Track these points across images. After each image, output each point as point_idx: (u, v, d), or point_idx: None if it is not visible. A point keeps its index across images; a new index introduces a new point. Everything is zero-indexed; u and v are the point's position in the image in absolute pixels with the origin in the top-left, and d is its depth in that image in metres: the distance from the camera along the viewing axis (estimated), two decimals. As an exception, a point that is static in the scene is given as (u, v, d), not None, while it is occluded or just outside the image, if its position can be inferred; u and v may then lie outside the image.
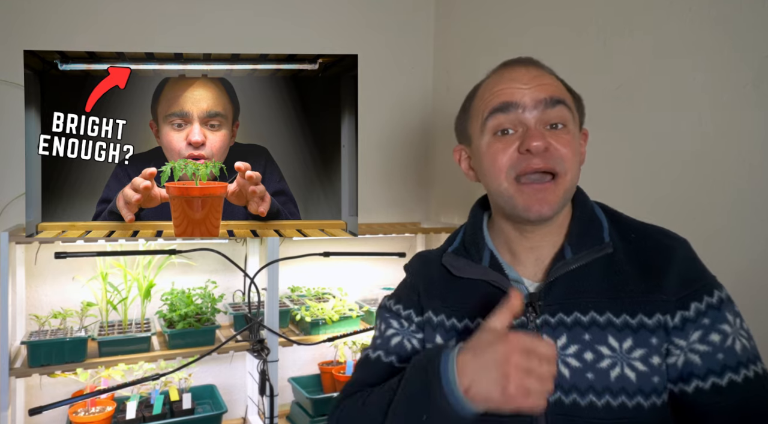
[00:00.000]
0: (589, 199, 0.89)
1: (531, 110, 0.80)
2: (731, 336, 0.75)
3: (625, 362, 0.76)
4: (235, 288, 2.10)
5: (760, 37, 1.17)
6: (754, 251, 1.19)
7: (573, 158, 0.80)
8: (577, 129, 0.83)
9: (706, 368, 0.74)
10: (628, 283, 0.79)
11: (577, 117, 0.85)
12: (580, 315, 0.79)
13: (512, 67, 0.86)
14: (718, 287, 0.79)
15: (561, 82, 0.86)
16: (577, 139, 0.83)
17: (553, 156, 0.79)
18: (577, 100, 0.86)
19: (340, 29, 2.28)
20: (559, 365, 0.78)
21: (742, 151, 1.21)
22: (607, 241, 0.82)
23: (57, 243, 1.72)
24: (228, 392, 2.09)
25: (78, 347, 1.62)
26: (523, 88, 0.81)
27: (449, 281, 0.90)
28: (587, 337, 0.78)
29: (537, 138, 0.78)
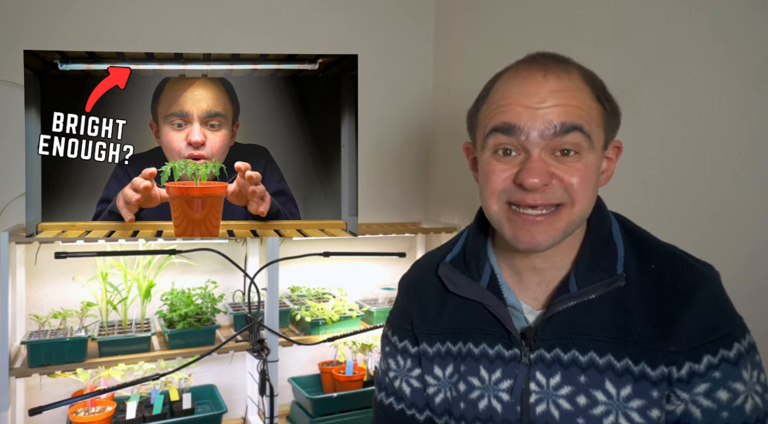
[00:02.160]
0: (607, 219, 0.79)
1: (537, 138, 0.70)
2: (743, 395, 0.68)
3: (621, 411, 0.70)
4: (235, 288, 2.10)
5: (760, 37, 1.17)
6: (754, 250, 1.19)
7: (583, 187, 0.70)
8: (596, 152, 0.72)
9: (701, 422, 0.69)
10: (636, 324, 0.71)
11: (601, 136, 0.73)
12: (579, 354, 0.72)
13: (528, 72, 0.75)
14: (740, 335, 0.70)
15: (590, 87, 0.74)
16: (594, 163, 0.72)
17: (556, 188, 0.70)
18: (610, 113, 0.74)
19: (340, 29, 2.28)
20: (550, 405, 0.73)
21: (743, 151, 1.21)
22: (619, 272, 0.73)
23: (57, 243, 1.72)
24: (228, 392, 2.09)
25: (78, 347, 1.62)
26: (532, 110, 0.70)
27: (443, 297, 0.84)
28: (583, 379, 0.72)
29: (535, 174, 0.69)
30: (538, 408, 0.74)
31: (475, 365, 0.78)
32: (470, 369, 0.79)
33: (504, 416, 0.76)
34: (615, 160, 0.79)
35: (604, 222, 0.78)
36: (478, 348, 0.78)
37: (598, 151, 0.73)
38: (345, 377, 2.01)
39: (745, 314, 0.73)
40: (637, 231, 0.79)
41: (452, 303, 0.82)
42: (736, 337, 0.69)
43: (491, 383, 0.77)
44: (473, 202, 2.18)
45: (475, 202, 1.70)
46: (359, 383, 2.02)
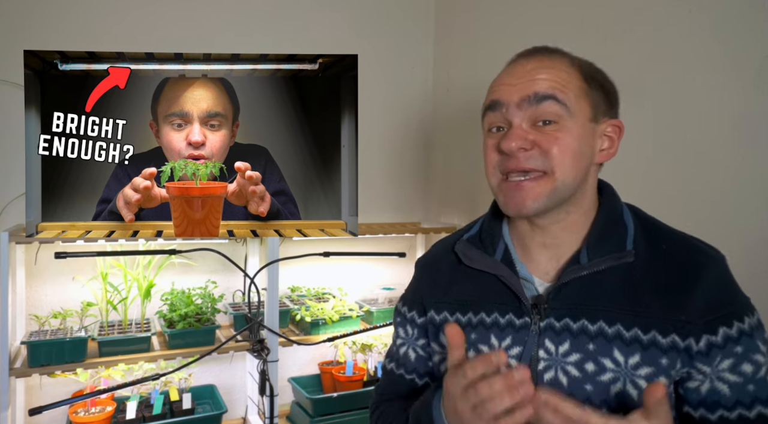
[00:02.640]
0: (619, 201, 0.83)
1: (515, 109, 0.77)
2: (765, 367, 0.72)
3: (629, 378, 0.73)
4: (235, 288, 2.10)
5: (760, 37, 1.17)
6: (754, 250, 1.19)
7: (562, 154, 0.75)
8: (578, 122, 0.77)
9: (735, 400, 0.71)
10: (646, 296, 0.74)
11: (585, 108, 0.78)
12: (588, 323, 0.75)
13: (516, 60, 0.83)
14: (750, 311, 0.73)
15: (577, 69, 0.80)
16: (577, 133, 0.76)
17: (536, 155, 0.76)
18: (598, 90, 0.80)
19: (340, 29, 2.28)
20: (558, 371, 0.76)
21: (742, 150, 1.21)
22: (629, 249, 0.77)
23: (57, 243, 1.72)
24: (228, 392, 2.09)
25: (78, 347, 1.62)
26: (512, 85, 0.78)
27: (456, 271, 0.88)
28: (591, 347, 0.74)
29: (511, 139, 0.76)
30: (546, 375, 0.76)
31: (486, 333, 0.82)
32: (481, 337, 0.82)
33: None
34: (617, 140, 0.82)
35: (615, 204, 0.83)
36: (490, 317, 0.82)
37: (581, 121, 0.77)
38: (345, 377, 2.01)
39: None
40: (647, 217, 0.84)
41: (464, 276, 0.87)
42: (746, 311, 0.73)
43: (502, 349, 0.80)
44: (473, 202, 2.18)
45: (475, 202, 1.72)
46: (359, 383, 2.02)
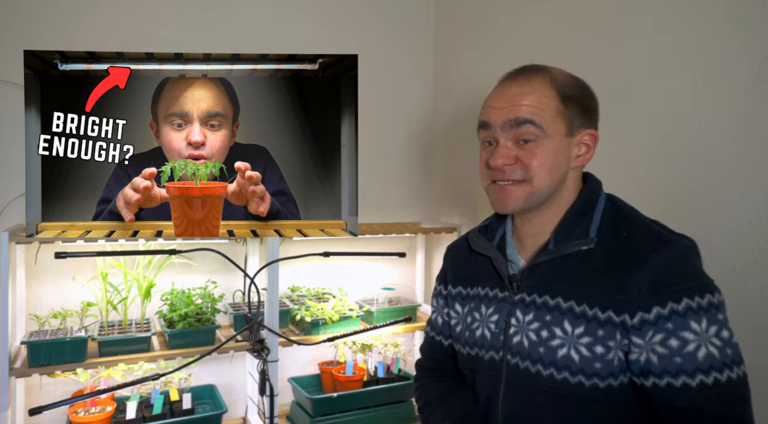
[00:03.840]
0: (594, 193, 0.98)
1: (500, 131, 0.95)
2: (694, 343, 0.81)
3: (573, 345, 0.89)
4: (235, 288, 2.10)
5: (760, 37, 1.17)
6: (754, 249, 1.19)
7: (540, 167, 0.93)
8: (554, 140, 0.93)
9: (662, 369, 0.83)
10: (598, 278, 0.89)
11: (561, 126, 0.94)
12: (549, 299, 0.93)
13: (503, 82, 0.99)
14: (695, 293, 0.83)
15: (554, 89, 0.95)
16: (553, 149, 0.93)
17: (517, 168, 0.94)
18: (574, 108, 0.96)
19: (340, 29, 2.28)
20: (522, 336, 0.95)
21: (743, 151, 1.21)
22: (592, 236, 0.92)
23: (57, 243, 1.72)
24: (228, 392, 2.09)
25: (78, 347, 1.62)
26: (498, 109, 0.95)
27: (467, 254, 1.11)
28: (548, 318, 0.92)
29: (497, 157, 0.94)
30: (514, 338, 0.96)
31: (479, 303, 1.04)
32: (476, 306, 1.05)
33: (491, 342, 1.00)
34: (593, 147, 0.99)
35: (590, 196, 0.97)
36: (483, 291, 1.04)
37: (557, 138, 0.94)
38: (345, 377, 2.01)
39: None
40: (622, 207, 0.97)
41: (472, 258, 1.09)
42: (687, 294, 0.83)
43: (485, 317, 1.02)
44: (473, 202, 2.18)
45: (474, 202, 1.72)
46: (359, 383, 2.03)
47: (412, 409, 2.05)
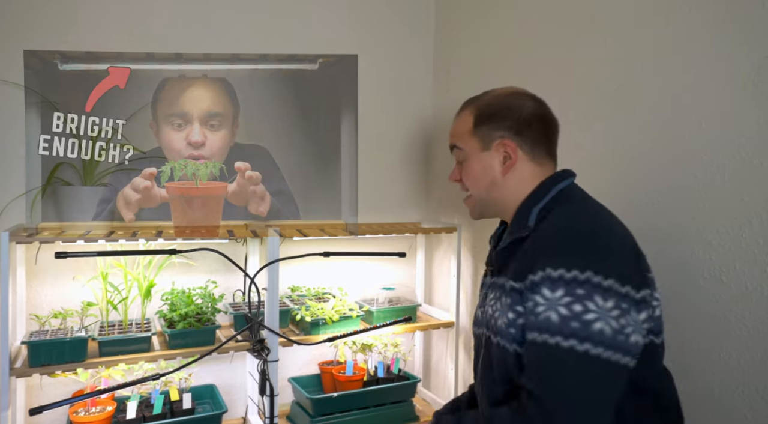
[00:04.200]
0: (545, 191, 1.11)
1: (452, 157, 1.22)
2: (542, 307, 0.94)
3: (504, 312, 1.04)
4: (235, 288, 2.10)
5: (760, 37, 1.17)
6: (754, 249, 1.19)
7: (470, 181, 1.17)
8: (474, 156, 1.15)
9: (525, 324, 0.99)
10: (518, 259, 1.04)
11: (475, 144, 1.15)
12: (501, 279, 1.10)
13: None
14: (561, 266, 0.94)
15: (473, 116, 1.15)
16: (475, 164, 1.15)
17: (463, 185, 1.20)
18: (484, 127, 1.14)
19: (340, 29, 2.28)
20: (487, 308, 1.13)
21: (743, 151, 1.21)
22: (529, 225, 1.06)
23: (57, 243, 1.72)
24: (228, 392, 2.09)
25: (78, 347, 1.62)
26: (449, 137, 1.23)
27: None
28: (498, 294, 1.10)
29: (450, 177, 1.22)
30: (488, 311, 1.13)
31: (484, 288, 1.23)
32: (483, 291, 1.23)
33: (481, 317, 1.18)
34: (513, 152, 1.12)
35: (535, 195, 1.11)
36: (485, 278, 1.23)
37: (475, 155, 1.15)
38: (345, 377, 2.01)
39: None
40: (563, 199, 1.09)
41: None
42: (551, 266, 0.94)
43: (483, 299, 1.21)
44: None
45: (475, 202, 1.63)
46: (359, 383, 2.03)
47: (412, 409, 2.05)
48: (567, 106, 1.70)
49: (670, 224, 1.37)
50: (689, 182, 1.32)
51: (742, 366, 1.20)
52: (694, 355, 1.30)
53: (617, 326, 0.89)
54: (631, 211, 1.47)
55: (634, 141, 1.47)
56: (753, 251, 1.18)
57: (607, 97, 1.55)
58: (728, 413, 1.23)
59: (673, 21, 1.36)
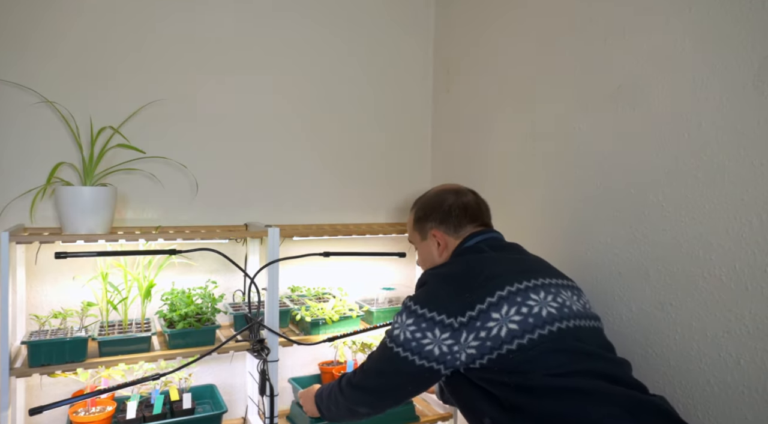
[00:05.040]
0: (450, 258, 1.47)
1: None
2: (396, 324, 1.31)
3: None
4: (235, 288, 2.10)
5: (760, 37, 1.17)
6: (754, 249, 1.19)
7: (422, 263, 1.56)
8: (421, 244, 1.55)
9: None
10: None
11: (416, 236, 1.56)
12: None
13: None
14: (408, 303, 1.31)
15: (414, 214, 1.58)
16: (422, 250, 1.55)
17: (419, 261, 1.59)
18: (420, 223, 1.54)
19: (340, 29, 2.28)
20: None
21: (742, 151, 1.21)
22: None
23: (57, 243, 1.72)
24: (228, 392, 2.09)
25: (78, 347, 1.62)
26: None
27: None
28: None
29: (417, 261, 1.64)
30: None
31: None
32: None
33: None
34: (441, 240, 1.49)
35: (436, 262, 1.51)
36: None
37: (419, 243, 1.56)
38: (345, 377, 2.01)
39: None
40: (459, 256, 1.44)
41: None
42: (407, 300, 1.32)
43: None
44: (473, 202, 2.18)
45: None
46: (359, 383, 2.02)
47: (412, 409, 2.05)
48: (567, 105, 1.70)
49: (670, 224, 1.37)
50: (689, 182, 1.32)
51: (742, 366, 1.20)
52: (694, 355, 1.30)
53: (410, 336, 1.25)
54: (630, 210, 1.47)
55: (634, 141, 1.47)
56: (753, 251, 1.18)
57: (607, 97, 1.56)
58: (728, 413, 1.23)
59: (673, 21, 1.36)
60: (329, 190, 2.29)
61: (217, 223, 2.08)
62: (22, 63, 1.79)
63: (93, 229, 1.67)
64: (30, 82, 1.79)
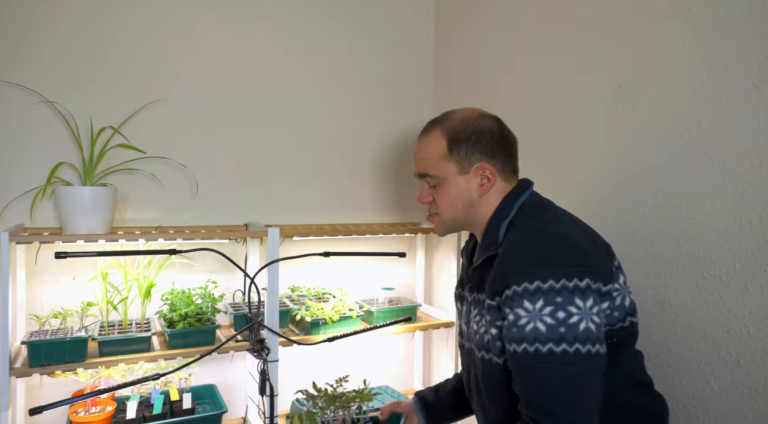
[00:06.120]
0: (508, 208, 1.17)
1: (417, 177, 1.28)
2: (525, 318, 1.00)
3: (487, 329, 1.12)
4: (235, 288, 2.10)
5: (760, 37, 1.17)
6: (754, 249, 1.19)
7: (443, 204, 1.22)
8: (451, 181, 1.20)
9: (504, 337, 1.06)
10: (492, 275, 1.10)
11: (452, 168, 1.19)
12: (477, 295, 1.20)
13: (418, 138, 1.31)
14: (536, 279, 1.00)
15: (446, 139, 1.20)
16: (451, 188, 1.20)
17: (433, 205, 1.25)
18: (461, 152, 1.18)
19: (340, 29, 2.28)
20: (470, 326, 1.21)
21: (742, 151, 1.21)
22: (498, 242, 1.13)
23: (57, 243, 1.72)
24: (228, 392, 2.09)
25: (78, 347, 1.62)
26: (414, 163, 1.29)
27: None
28: (480, 310, 1.17)
29: (419, 199, 1.26)
30: (473, 327, 1.21)
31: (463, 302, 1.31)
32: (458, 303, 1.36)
33: (467, 332, 1.26)
34: (492, 176, 1.19)
35: (502, 211, 1.17)
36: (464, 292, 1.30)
37: (451, 179, 1.20)
38: (345, 377, 2.01)
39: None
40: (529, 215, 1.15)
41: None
42: (528, 280, 1.01)
43: (464, 314, 1.29)
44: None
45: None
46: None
47: (412, 409, 2.05)
48: (567, 105, 1.70)
49: (670, 224, 1.37)
50: (689, 182, 1.32)
51: (742, 366, 1.20)
52: (694, 355, 1.30)
53: (598, 320, 0.99)
54: (630, 211, 1.47)
55: (634, 141, 1.47)
56: (753, 251, 1.18)
57: (607, 97, 1.55)
58: (728, 413, 1.23)
59: (673, 21, 1.36)
60: (329, 190, 2.29)
61: (217, 223, 2.08)
62: (22, 63, 1.79)
63: (93, 229, 1.67)
64: (30, 82, 1.79)
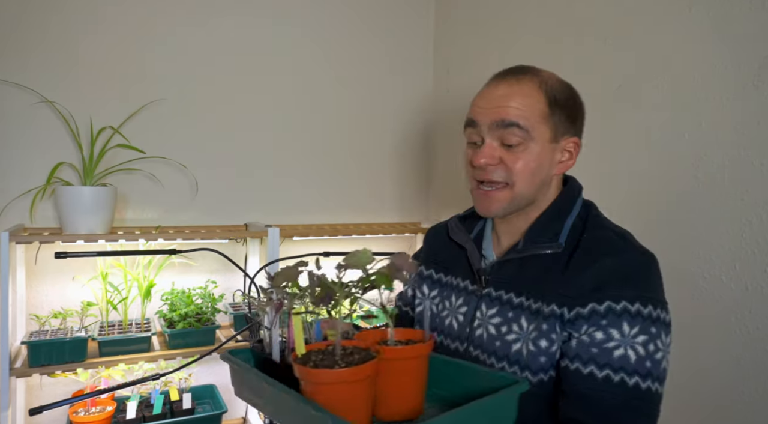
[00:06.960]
0: (572, 201, 0.99)
1: (486, 131, 0.94)
2: (616, 341, 0.84)
3: (525, 341, 0.91)
4: (235, 288, 2.10)
5: (760, 37, 1.17)
6: (754, 249, 1.19)
7: (523, 171, 0.93)
8: (539, 144, 0.93)
9: (575, 353, 0.86)
10: (555, 279, 0.91)
11: (546, 132, 0.93)
12: (513, 296, 0.95)
13: (494, 81, 0.98)
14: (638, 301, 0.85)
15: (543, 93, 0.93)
16: (538, 153, 0.93)
17: (500, 170, 0.94)
18: (560, 114, 0.94)
19: (340, 30, 2.28)
20: (483, 329, 0.97)
21: (742, 151, 1.21)
22: (560, 241, 0.94)
23: (57, 243, 1.72)
24: (228, 392, 2.08)
25: (78, 347, 1.62)
26: (486, 109, 0.94)
27: (445, 240, 1.13)
28: (510, 314, 0.94)
29: (481, 156, 0.93)
30: (477, 331, 0.98)
31: (451, 292, 1.07)
32: (447, 295, 1.07)
33: (458, 332, 1.02)
34: (575, 154, 0.98)
35: (564, 203, 0.98)
36: (456, 280, 1.07)
37: (541, 143, 0.93)
38: (345, 377, 2.01)
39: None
40: (594, 215, 0.98)
41: (451, 246, 1.11)
42: (629, 299, 0.85)
43: (455, 307, 1.04)
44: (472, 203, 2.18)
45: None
46: (359, 383, 2.02)
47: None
48: (567, 106, 1.70)
49: (670, 225, 1.37)
50: (689, 182, 1.32)
51: (742, 366, 1.20)
52: (694, 355, 1.30)
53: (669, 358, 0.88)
54: (630, 211, 1.47)
55: (634, 141, 1.47)
56: (753, 251, 1.18)
57: (608, 97, 1.55)
58: (729, 413, 1.23)
59: (673, 21, 1.36)
60: (329, 190, 2.29)
61: (217, 223, 2.08)
62: (22, 63, 1.79)
63: (93, 229, 1.67)
64: (30, 82, 1.79)
